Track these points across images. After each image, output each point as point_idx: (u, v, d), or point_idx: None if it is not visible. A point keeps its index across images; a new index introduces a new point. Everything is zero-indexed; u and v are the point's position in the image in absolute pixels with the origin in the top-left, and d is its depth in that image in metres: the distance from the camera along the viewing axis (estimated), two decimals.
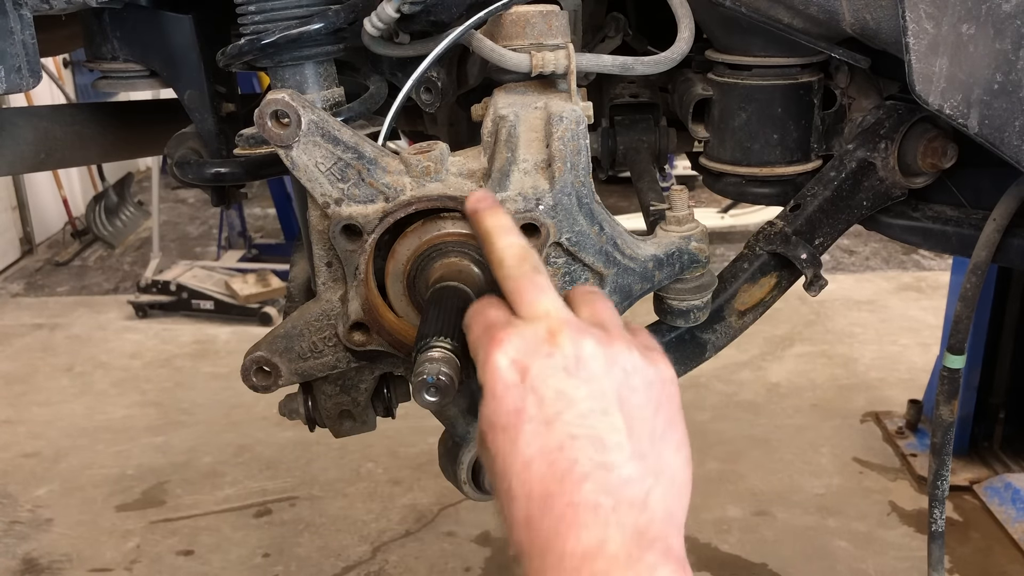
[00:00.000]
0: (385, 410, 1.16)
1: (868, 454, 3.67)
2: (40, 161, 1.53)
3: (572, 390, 0.69)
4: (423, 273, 0.95)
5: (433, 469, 1.52)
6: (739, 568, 3.07)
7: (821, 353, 4.54)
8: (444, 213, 0.94)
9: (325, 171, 0.92)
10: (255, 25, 1.02)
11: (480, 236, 0.84)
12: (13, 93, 1.10)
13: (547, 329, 0.71)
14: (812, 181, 1.25)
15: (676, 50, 1.07)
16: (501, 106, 0.97)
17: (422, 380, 0.77)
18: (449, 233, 0.95)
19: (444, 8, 1.06)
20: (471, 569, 3.10)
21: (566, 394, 0.68)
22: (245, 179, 1.31)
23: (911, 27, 0.98)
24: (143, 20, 1.24)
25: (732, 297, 1.20)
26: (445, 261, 0.94)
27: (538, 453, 0.67)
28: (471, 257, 0.95)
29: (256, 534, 3.31)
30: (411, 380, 0.79)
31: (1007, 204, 1.19)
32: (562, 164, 0.92)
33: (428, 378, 0.77)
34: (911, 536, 3.18)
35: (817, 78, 1.28)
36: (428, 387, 0.77)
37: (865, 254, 5.95)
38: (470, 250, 0.94)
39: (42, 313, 5.50)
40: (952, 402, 1.31)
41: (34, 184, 6.70)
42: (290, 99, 0.90)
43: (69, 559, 3.19)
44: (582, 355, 0.70)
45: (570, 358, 0.70)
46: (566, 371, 0.69)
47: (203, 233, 7.03)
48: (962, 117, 1.00)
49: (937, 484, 1.33)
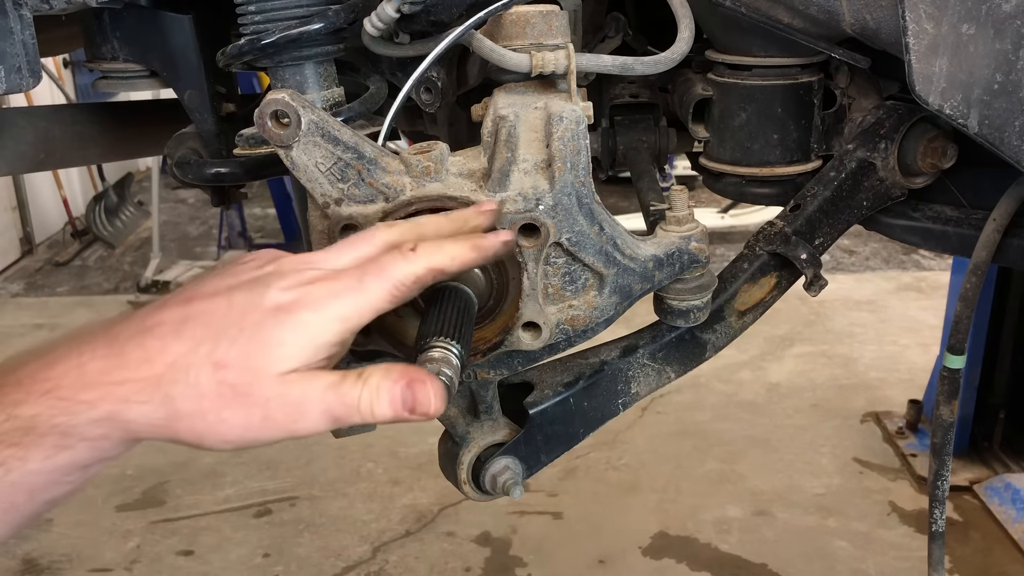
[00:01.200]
0: None
1: (868, 454, 3.68)
2: (40, 161, 1.53)
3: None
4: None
5: (433, 469, 1.52)
6: (739, 568, 3.07)
7: (821, 353, 4.54)
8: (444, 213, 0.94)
9: (325, 171, 0.92)
10: (255, 25, 1.02)
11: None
12: (13, 93, 1.10)
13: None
14: (812, 181, 1.25)
15: (676, 50, 1.07)
16: (501, 106, 0.97)
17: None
18: None
19: (444, 8, 1.06)
20: (471, 569, 3.10)
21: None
22: (245, 179, 1.31)
23: (911, 27, 0.98)
24: (143, 20, 1.24)
25: (732, 297, 1.20)
26: None
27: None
28: None
29: (256, 534, 3.31)
30: None
31: (1007, 204, 1.19)
32: (562, 164, 0.92)
33: None
34: (911, 536, 3.18)
35: (817, 78, 1.28)
36: None
37: (865, 254, 5.95)
38: None
39: (42, 313, 5.50)
40: (952, 402, 1.31)
41: (34, 184, 6.70)
42: (290, 99, 0.90)
43: (69, 559, 3.19)
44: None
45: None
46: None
47: (203, 233, 7.03)
48: (962, 117, 1.00)
49: (937, 484, 1.33)
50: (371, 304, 0.77)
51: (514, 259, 0.94)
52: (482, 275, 0.95)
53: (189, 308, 0.76)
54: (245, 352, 0.72)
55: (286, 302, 0.75)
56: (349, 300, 0.76)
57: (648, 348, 1.16)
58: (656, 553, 3.16)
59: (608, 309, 1.00)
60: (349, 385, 0.74)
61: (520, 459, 1.13)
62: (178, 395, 0.72)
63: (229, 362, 0.72)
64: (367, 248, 0.81)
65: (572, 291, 0.99)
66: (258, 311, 0.74)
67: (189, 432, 0.73)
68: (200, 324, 0.74)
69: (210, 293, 0.77)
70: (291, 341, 0.73)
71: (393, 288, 0.77)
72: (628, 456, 3.71)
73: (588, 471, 3.61)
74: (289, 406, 0.73)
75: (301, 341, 0.73)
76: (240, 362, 0.72)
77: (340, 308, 0.75)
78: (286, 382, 0.73)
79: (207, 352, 0.72)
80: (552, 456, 1.14)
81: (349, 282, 0.77)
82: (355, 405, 0.74)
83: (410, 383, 0.75)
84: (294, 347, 0.73)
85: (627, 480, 3.56)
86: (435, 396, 0.75)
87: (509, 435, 1.13)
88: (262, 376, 0.72)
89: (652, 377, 1.17)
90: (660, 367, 1.18)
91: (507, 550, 3.19)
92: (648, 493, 3.48)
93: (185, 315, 0.75)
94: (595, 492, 3.49)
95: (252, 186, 6.67)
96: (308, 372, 0.74)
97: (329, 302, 0.75)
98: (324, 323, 0.74)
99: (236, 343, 0.73)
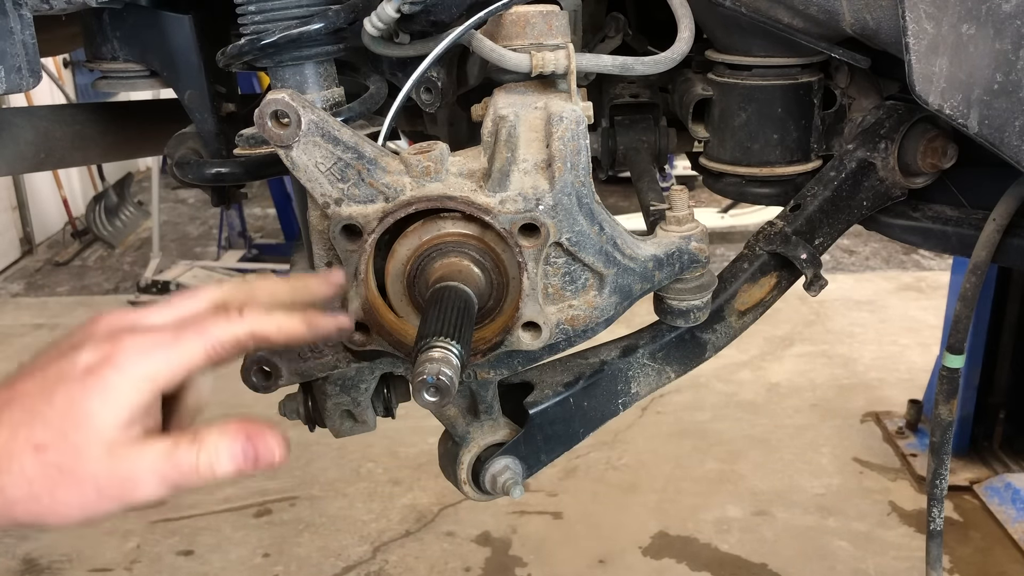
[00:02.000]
0: (385, 410, 1.16)
1: (868, 454, 3.68)
2: (40, 161, 1.53)
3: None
4: (423, 273, 0.95)
5: (433, 469, 1.52)
6: (739, 568, 3.07)
7: (821, 353, 4.54)
8: (444, 213, 0.94)
9: (325, 171, 0.92)
10: (255, 25, 1.02)
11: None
12: (13, 93, 1.10)
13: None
14: (812, 181, 1.25)
15: (676, 50, 1.07)
16: (501, 106, 0.97)
17: (422, 380, 0.77)
18: (449, 233, 0.95)
19: (444, 8, 1.06)
20: (471, 569, 3.10)
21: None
22: (245, 179, 1.31)
23: (911, 27, 0.98)
24: (143, 20, 1.24)
25: (732, 297, 1.20)
26: (445, 261, 0.94)
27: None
28: (471, 257, 0.95)
29: (256, 534, 3.31)
30: (411, 380, 0.79)
31: (1007, 204, 1.19)
32: (562, 164, 0.92)
33: (428, 378, 0.77)
34: (911, 536, 3.18)
35: (817, 78, 1.28)
36: (428, 387, 0.77)
37: (865, 254, 5.95)
38: (470, 250, 0.95)
39: (42, 313, 5.50)
40: (951, 402, 1.31)
41: (34, 184, 6.70)
42: (290, 99, 0.90)
43: (69, 559, 3.19)
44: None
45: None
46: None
47: (203, 233, 7.03)
48: (962, 117, 1.00)
49: (936, 483, 1.33)
50: (184, 362, 0.75)
51: (514, 259, 0.94)
52: (482, 275, 0.95)
53: (12, 392, 0.74)
54: (61, 430, 0.71)
55: (95, 362, 0.73)
56: (160, 357, 0.75)
57: (648, 348, 1.16)
58: (656, 553, 3.16)
59: (608, 309, 1.00)
60: (184, 450, 0.74)
61: (520, 459, 1.13)
62: (7, 484, 0.71)
63: (48, 443, 0.71)
64: (193, 306, 0.81)
65: (572, 291, 0.99)
66: (68, 381, 0.73)
67: (28, 515, 0.72)
68: (18, 407, 0.73)
69: (29, 372, 0.76)
70: (100, 411, 0.72)
71: (210, 347, 0.76)
72: (628, 456, 3.71)
73: (588, 471, 3.61)
74: (120, 480, 0.72)
75: (112, 409, 0.72)
76: (59, 442, 0.71)
77: (148, 366, 0.74)
78: (114, 456, 0.72)
79: (25, 437, 0.71)
80: (552, 456, 1.14)
81: (163, 338, 0.76)
82: (193, 469, 0.74)
83: (249, 437, 0.75)
84: (107, 417, 0.72)
85: (627, 480, 3.56)
86: (277, 446, 0.76)
87: (509, 435, 1.13)
88: (85, 453, 0.71)
89: (652, 377, 1.17)
90: (660, 367, 1.18)
91: (507, 550, 3.19)
92: (648, 493, 3.48)
93: (8, 399, 0.74)
94: (595, 492, 3.49)
95: (252, 186, 6.68)
96: (138, 441, 0.73)
97: (137, 361, 0.74)
98: (131, 384, 0.73)
99: (51, 422, 0.72)
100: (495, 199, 0.92)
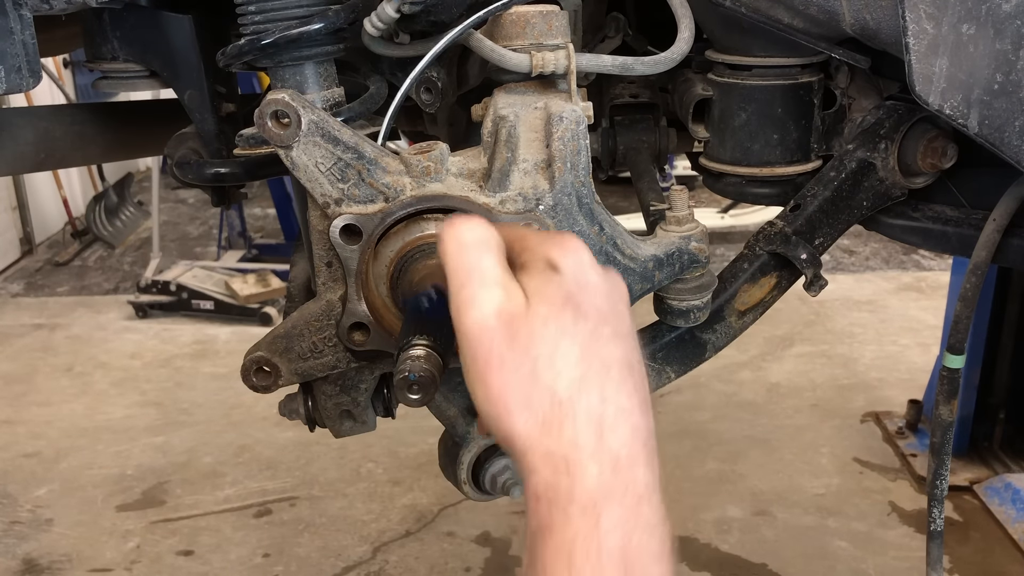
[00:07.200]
0: (385, 410, 1.16)
1: (868, 454, 3.68)
2: (40, 161, 1.53)
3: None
4: (406, 274, 0.95)
5: (433, 469, 1.52)
6: (739, 568, 3.07)
7: (821, 353, 4.54)
8: (427, 214, 0.94)
9: (325, 171, 0.92)
10: (255, 25, 1.02)
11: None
12: (13, 93, 1.10)
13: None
14: (812, 181, 1.26)
15: (676, 50, 1.07)
16: (501, 106, 0.97)
17: (403, 378, 0.77)
18: (432, 235, 0.94)
19: (444, 8, 1.06)
20: (471, 569, 3.10)
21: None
22: (245, 179, 1.31)
23: (911, 27, 0.98)
24: (143, 20, 1.24)
25: (732, 297, 1.20)
26: (428, 263, 0.94)
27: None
28: None
29: (256, 534, 3.31)
30: (394, 379, 0.78)
31: (1007, 204, 1.19)
32: (562, 164, 0.92)
33: (410, 375, 0.76)
34: (911, 536, 3.18)
35: (817, 78, 1.28)
36: (410, 385, 0.77)
37: (865, 254, 5.95)
38: None
39: (42, 313, 5.50)
40: (952, 402, 1.31)
41: (34, 184, 6.70)
42: (290, 99, 0.90)
43: (69, 559, 3.19)
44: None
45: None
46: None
47: (203, 233, 7.03)
48: (962, 117, 1.00)
49: (936, 483, 1.33)
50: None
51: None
52: None
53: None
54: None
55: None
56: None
57: (648, 348, 1.16)
58: None
59: None
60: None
61: None
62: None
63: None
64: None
65: None
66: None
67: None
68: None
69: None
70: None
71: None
72: None
73: None
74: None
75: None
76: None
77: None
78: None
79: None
80: None
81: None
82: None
83: None
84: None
85: None
86: None
87: None
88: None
89: (652, 377, 1.17)
90: (660, 367, 1.18)
91: (507, 550, 3.19)
92: None
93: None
94: None
95: (252, 186, 6.68)
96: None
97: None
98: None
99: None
100: (495, 199, 0.92)
